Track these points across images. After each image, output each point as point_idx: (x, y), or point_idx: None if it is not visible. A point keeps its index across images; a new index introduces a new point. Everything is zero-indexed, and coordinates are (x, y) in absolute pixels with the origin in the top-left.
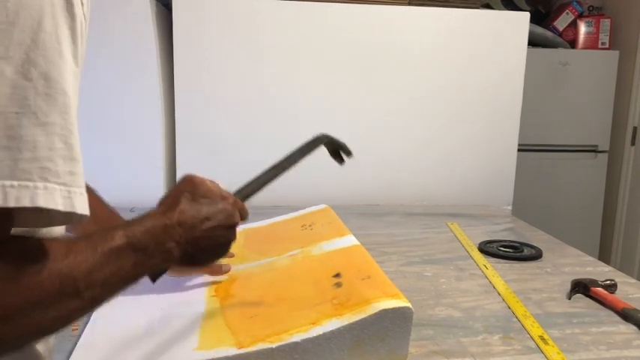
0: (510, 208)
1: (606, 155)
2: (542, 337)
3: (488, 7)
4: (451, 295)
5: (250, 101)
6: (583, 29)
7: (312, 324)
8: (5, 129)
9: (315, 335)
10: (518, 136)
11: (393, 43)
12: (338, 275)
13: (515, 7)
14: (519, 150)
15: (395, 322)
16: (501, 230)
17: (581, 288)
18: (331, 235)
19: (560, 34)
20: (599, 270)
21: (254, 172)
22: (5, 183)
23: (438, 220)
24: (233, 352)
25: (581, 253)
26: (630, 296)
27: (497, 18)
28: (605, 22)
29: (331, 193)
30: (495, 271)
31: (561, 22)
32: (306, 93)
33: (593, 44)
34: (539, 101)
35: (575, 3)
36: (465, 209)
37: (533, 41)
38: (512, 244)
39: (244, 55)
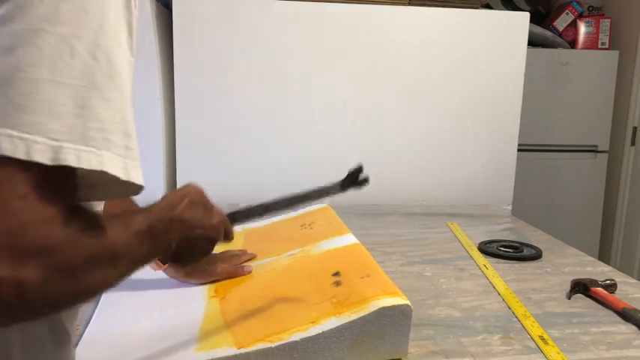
0: (510, 208)
1: (606, 155)
2: (542, 337)
3: (488, 7)
4: (451, 295)
5: (250, 101)
6: (583, 29)
7: (312, 323)
8: (77, 99)
9: (315, 334)
10: (518, 136)
11: (393, 43)
12: (337, 274)
13: (515, 7)
14: (519, 150)
15: (394, 320)
16: (501, 230)
17: (581, 288)
18: (331, 234)
19: (560, 34)
20: (599, 270)
21: (254, 172)
22: (78, 147)
23: (437, 220)
24: (233, 352)
25: (581, 253)
26: (630, 296)
27: (497, 18)
28: (605, 22)
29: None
30: (495, 271)
31: (561, 22)
32: (306, 93)
33: (593, 44)
34: (539, 101)
35: (575, 3)
36: (465, 209)
37: (533, 41)
38: (512, 244)
39: (244, 56)
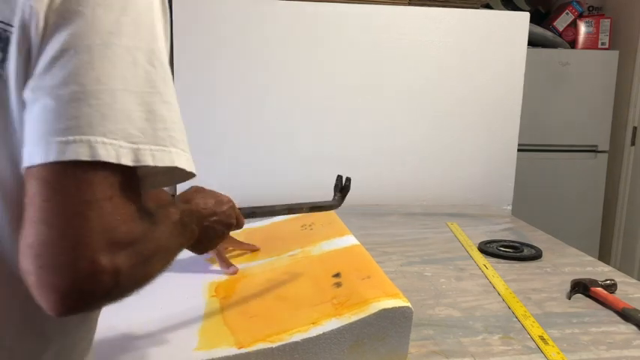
0: (510, 208)
1: (606, 155)
2: (542, 337)
3: (488, 7)
4: (451, 295)
5: (250, 100)
6: (583, 29)
7: (312, 324)
8: (144, 104)
9: (315, 335)
10: (518, 136)
11: (393, 43)
12: (338, 275)
13: (515, 7)
14: (519, 150)
15: (395, 322)
16: (501, 230)
17: (581, 288)
18: (331, 235)
19: (560, 34)
20: (599, 270)
21: (253, 172)
22: (152, 147)
23: (437, 220)
24: (233, 352)
25: (581, 253)
26: (630, 296)
27: (497, 18)
28: (605, 22)
29: (331, 193)
30: (495, 271)
31: (561, 22)
32: (306, 93)
33: (593, 44)
34: (539, 101)
35: (575, 3)
36: (465, 209)
37: (533, 41)
38: (512, 244)
39: (244, 55)
